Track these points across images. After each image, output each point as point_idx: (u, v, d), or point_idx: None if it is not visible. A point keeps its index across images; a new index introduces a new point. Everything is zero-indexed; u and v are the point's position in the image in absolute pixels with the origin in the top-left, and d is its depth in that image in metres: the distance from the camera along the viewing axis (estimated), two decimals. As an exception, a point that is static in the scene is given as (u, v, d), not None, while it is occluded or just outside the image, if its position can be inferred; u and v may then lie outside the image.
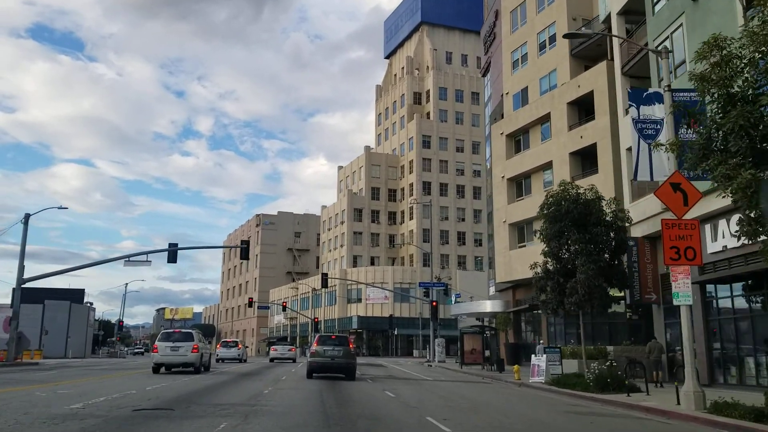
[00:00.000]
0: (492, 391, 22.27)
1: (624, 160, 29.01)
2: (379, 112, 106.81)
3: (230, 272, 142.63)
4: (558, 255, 22.98)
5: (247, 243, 41.48)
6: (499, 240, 43.13)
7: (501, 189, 43.34)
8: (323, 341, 26.31)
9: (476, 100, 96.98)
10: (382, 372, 33.68)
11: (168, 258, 41.15)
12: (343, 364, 25.27)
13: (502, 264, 42.46)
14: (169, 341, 26.38)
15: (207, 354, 29.44)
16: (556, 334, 38.96)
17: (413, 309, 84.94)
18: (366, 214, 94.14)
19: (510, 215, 42.08)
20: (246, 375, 25.89)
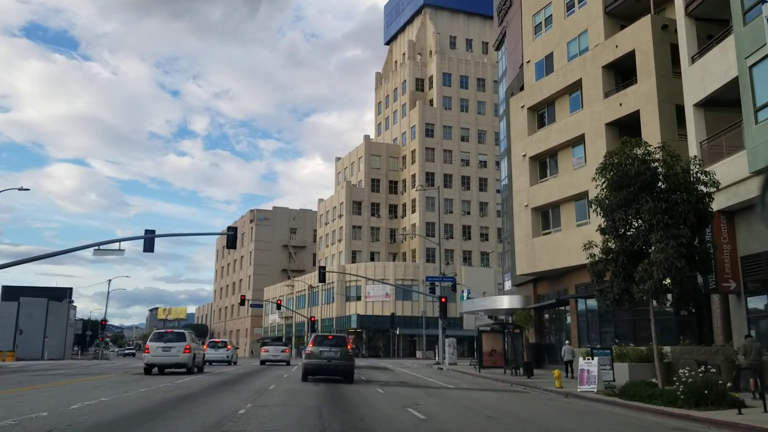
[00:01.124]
0: (540, 404, 17.26)
1: (692, 120, 23.97)
2: (379, 101, 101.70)
3: (223, 270, 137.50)
4: (622, 231, 17.91)
5: (234, 230, 36.37)
6: (520, 227, 38.13)
7: (522, 169, 38.35)
8: (319, 342, 24.30)
9: (482, 86, 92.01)
10: (390, 377, 28.68)
11: (144, 246, 36.03)
12: (340, 366, 23.49)
13: (524, 254, 37.47)
14: (161, 341, 25.83)
15: (200, 354, 28.61)
16: (588, 332, 33.99)
17: (416, 307, 79.95)
18: (365, 206, 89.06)
19: (533, 198, 37.07)
20: (225, 383, 20.83)
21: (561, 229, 35.41)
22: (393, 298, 79.61)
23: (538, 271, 36.58)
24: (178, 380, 21.50)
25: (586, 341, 33.83)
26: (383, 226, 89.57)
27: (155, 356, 25.67)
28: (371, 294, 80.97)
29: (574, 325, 34.83)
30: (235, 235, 36.30)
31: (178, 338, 26.13)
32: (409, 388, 21.41)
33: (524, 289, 42.00)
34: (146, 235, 36.20)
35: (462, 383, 25.75)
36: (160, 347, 25.67)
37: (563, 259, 34.21)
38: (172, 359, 25.72)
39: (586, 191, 33.06)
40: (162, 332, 27.39)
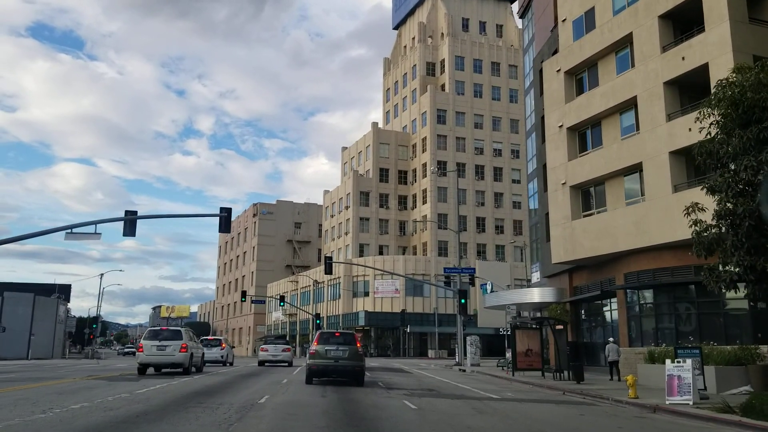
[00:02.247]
0: (638, 426, 12.37)
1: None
2: (387, 87, 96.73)
3: (226, 266, 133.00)
4: (743, 187, 12.97)
5: (228, 211, 31.61)
6: (556, 208, 33.20)
7: (558, 142, 33.41)
8: (325, 339, 21.31)
9: (497, 71, 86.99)
10: (413, 382, 23.86)
11: (124, 230, 31.51)
12: (349, 366, 20.73)
13: (561, 239, 32.53)
14: (156, 340, 24.36)
15: (199, 353, 27.09)
16: (640, 329, 29.08)
17: (427, 303, 75.18)
18: (373, 197, 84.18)
19: (572, 175, 32.15)
20: (204, 394, 15.98)
21: (606, 209, 30.50)
22: (403, 293, 74.85)
23: (577, 258, 31.65)
24: (140, 391, 16.70)
25: (638, 339, 28.95)
26: (392, 218, 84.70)
27: (149, 355, 24.17)
28: (380, 289, 76.18)
29: (622, 320, 29.88)
30: (228, 217, 31.59)
31: (174, 336, 24.56)
32: (445, 400, 16.56)
33: (557, 280, 37.09)
34: (126, 216, 31.62)
35: (504, 391, 20.89)
36: (154, 346, 24.13)
37: (609, 243, 29.32)
38: (167, 359, 24.12)
39: (639, 163, 28.27)
40: (157, 330, 25.79)
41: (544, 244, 38.70)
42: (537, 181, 40.86)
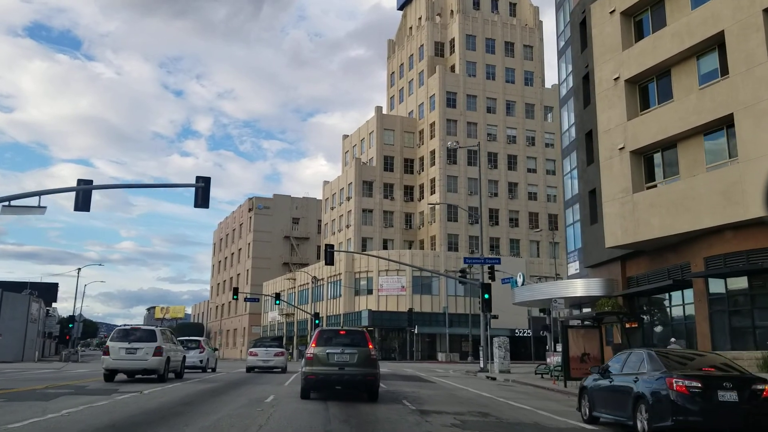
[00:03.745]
0: None
1: None
2: (392, 71, 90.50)
3: (220, 265, 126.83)
4: None
5: (206, 181, 25.49)
6: (611, 180, 26.98)
7: (614, 99, 27.20)
8: (327, 339, 16.04)
9: (510, 51, 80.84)
10: (442, 396, 17.70)
11: (76, 203, 25.70)
12: (359, 375, 15.41)
13: (618, 218, 26.31)
14: (125, 341, 21.18)
15: (178, 357, 23.49)
16: (729, 326, 22.85)
17: (436, 302, 68.99)
18: (377, 187, 77.94)
19: (633, 137, 25.95)
20: (130, 427, 9.71)
21: (679, 176, 24.32)
22: (410, 291, 68.67)
23: (641, 240, 25.44)
24: (51, 416, 10.44)
25: (724, 340, 22.71)
26: (398, 210, 78.45)
27: (117, 360, 20.88)
28: (384, 287, 69.96)
29: (701, 317, 23.64)
30: (206, 188, 25.54)
31: (147, 337, 21.22)
32: None
33: (605, 270, 30.91)
34: (79, 186, 25.50)
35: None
36: (123, 349, 20.88)
37: (688, 219, 23.16)
38: (138, 364, 20.88)
39: (729, 116, 22.07)
40: (127, 329, 22.44)
41: (588, 227, 32.54)
42: (576, 154, 34.68)
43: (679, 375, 10.27)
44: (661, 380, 10.37)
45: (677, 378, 10.17)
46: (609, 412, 12.00)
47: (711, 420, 9.93)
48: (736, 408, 9.92)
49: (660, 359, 11.13)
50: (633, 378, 11.17)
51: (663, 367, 10.76)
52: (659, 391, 10.31)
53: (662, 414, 10.12)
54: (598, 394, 12.53)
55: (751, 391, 10.15)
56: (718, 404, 9.95)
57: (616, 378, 11.89)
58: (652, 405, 10.35)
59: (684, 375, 10.29)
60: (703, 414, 9.89)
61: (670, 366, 10.84)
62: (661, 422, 10.09)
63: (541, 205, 78.42)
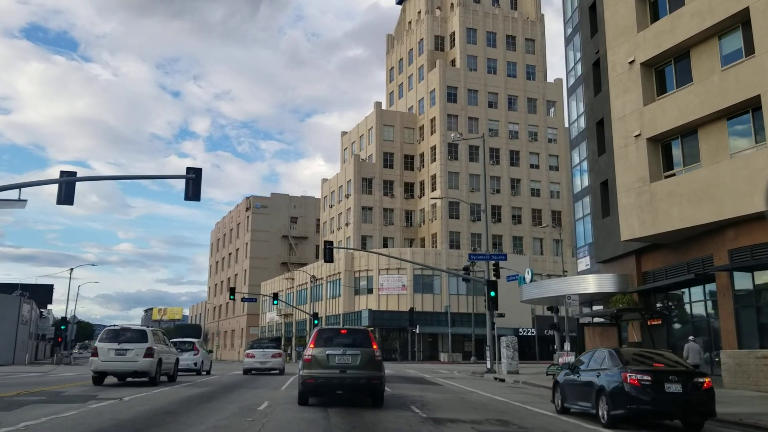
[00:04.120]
0: None
1: None
2: (391, 66, 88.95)
3: (218, 265, 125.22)
4: None
5: (197, 172, 24.00)
6: (627, 169, 25.48)
7: (629, 84, 25.69)
8: (327, 339, 14.52)
9: (512, 45, 79.33)
10: (453, 400, 16.21)
11: (59, 196, 24.30)
12: (362, 379, 13.95)
13: (635, 209, 24.81)
14: (115, 342, 20.34)
15: (171, 359, 22.80)
16: (757, 323, 21.34)
17: (438, 301, 67.52)
18: (377, 184, 76.40)
19: (650, 123, 24.44)
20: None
21: (701, 164, 22.81)
22: (411, 290, 67.15)
23: (660, 232, 23.90)
24: (18, 426, 8.92)
25: (752, 337, 21.21)
26: (398, 207, 76.92)
27: (106, 361, 20.10)
28: (385, 286, 68.45)
29: (726, 313, 22.13)
30: (197, 179, 24.06)
31: (138, 338, 20.43)
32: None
33: (618, 265, 29.39)
34: (62, 178, 24.03)
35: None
36: (112, 350, 20.16)
37: (711, 209, 21.66)
38: (128, 366, 20.09)
39: (755, 97, 20.59)
40: (116, 330, 21.53)
41: (599, 221, 31.06)
42: (586, 145, 33.18)
43: (632, 370, 11.81)
44: (618, 374, 11.90)
45: (631, 372, 11.71)
46: (577, 403, 13.53)
47: (659, 408, 11.57)
48: (680, 398, 11.55)
49: (618, 356, 12.63)
50: (596, 373, 12.68)
51: (620, 363, 12.21)
52: (616, 383, 11.83)
53: (619, 403, 11.71)
54: (568, 388, 14.08)
55: (693, 384, 11.76)
56: (665, 394, 11.54)
57: (582, 374, 13.42)
58: (610, 396, 11.91)
59: (637, 370, 11.81)
60: (653, 403, 11.48)
61: (627, 362, 12.26)
62: (618, 410, 11.71)
63: (545, 202, 76.93)
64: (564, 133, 79.82)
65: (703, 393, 11.86)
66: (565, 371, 14.72)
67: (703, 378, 12.07)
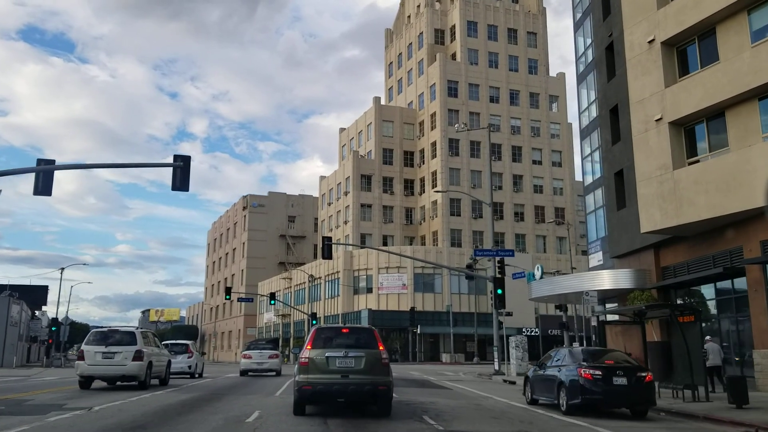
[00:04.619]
0: None
1: None
2: (390, 61, 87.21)
3: (215, 265, 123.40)
4: None
5: (185, 160, 22.24)
6: (647, 156, 23.74)
7: (648, 64, 23.96)
8: (326, 340, 12.70)
9: (514, 38, 77.65)
10: (467, 407, 14.58)
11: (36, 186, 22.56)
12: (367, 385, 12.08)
13: (656, 198, 23.08)
14: (102, 345, 19.23)
15: (162, 362, 21.78)
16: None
17: (439, 301, 65.83)
18: (376, 181, 74.66)
19: (673, 106, 22.71)
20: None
21: (729, 149, 21.09)
22: (411, 289, 65.45)
23: (685, 223, 22.16)
24: None
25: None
26: (397, 205, 75.15)
27: (93, 365, 19.16)
28: (385, 285, 66.71)
29: (758, 309, 20.40)
30: (185, 168, 22.30)
31: (126, 341, 19.51)
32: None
33: (635, 260, 27.68)
34: (39, 166, 22.25)
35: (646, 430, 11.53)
36: (99, 353, 19.24)
37: (742, 197, 19.91)
38: (116, 370, 19.17)
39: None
40: (104, 332, 20.47)
41: (614, 213, 29.34)
42: (599, 134, 31.47)
43: (586, 366, 13.80)
44: (575, 370, 13.92)
45: (585, 368, 13.73)
46: (543, 395, 15.76)
47: (608, 398, 13.70)
48: (626, 389, 13.62)
49: (576, 355, 14.89)
50: (558, 369, 14.81)
51: (577, 361, 14.27)
52: (573, 377, 13.85)
53: (575, 394, 13.70)
54: (536, 383, 16.31)
55: (636, 377, 13.82)
56: (613, 386, 13.59)
57: (548, 370, 15.59)
58: (568, 388, 13.94)
59: (590, 365, 13.85)
60: (603, 394, 13.55)
61: (582, 359, 14.37)
62: (574, 400, 13.69)
63: (548, 199, 75.22)
64: (567, 128, 78.21)
65: (645, 385, 13.97)
66: (534, 368, 16.89)
67: (645, 373, 14.22)
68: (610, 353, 15.90)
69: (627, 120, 27.75)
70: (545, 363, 16.03)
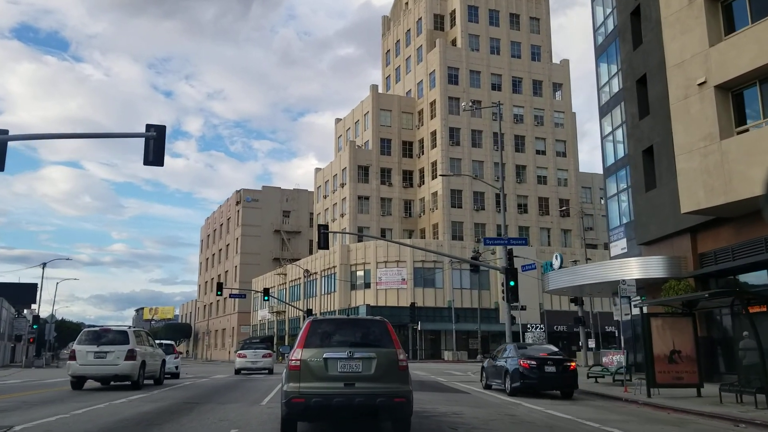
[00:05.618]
0: None
1: None
2: (387, 49, 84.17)
3: (208, 262, 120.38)
4: None
5: (158, 130, 19.34)
6: (687, 126, 20.86)
7: (688, 21, 21.08)
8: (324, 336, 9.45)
9: (516, 24, 74.74)
10: (494, 416, 11.75)
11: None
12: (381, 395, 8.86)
13: (699, 173, 20.22)
14: (94, 344, 19.05)
15: (156, 362, 21.38)
16: None
17: (440, 296, 63.01)
18: (374, 172, 71.69)
19: (720, 67, 19.82)
20: None
21: (787, 115, 18.22)
22: (411, 284, 62.56)
23: (737, 200, 19.30)
24: None
25: None
26: (396, 197, 72.20)
27: (84, 365, 18.90)
28: (383, 280, 63.80)
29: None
30: (160, 140, 19.46)
31: (118, 339, 19.26)
32: None
33: (667, 246, 24.86)
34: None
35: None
36: (91, 353, 18.97)
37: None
38: (108, 369, 18.91)
39: None
40: (96, 331, 20.30)
41: (641, 195, 26.50)
42: (624, 108, 28.62)
43: (524, 357, 18.00)
44: (516, 361, 18.04)
45: (523, 359, 17.92)
46: (495, 382, 19.72)
47: (541, 382, 17.69)
48: (555, 375, 17.67)
49: (518, 349, 19.13)
50: (505, 360, 18.90)
51: (518, 354, 18.42)
52: (515, 367, 17.92)
53: (516, 380, 17.81)
54: (489, 371, 20.47)
55: (563, 366, 17.81)
56: (545, 373, 17.63)
57: (498, 360, 19.61)
58: (511, 375, 18.06)
59: (527, 357, 18.03)
60: (537, 379, 17.61)
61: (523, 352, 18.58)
62: (515, 384, 17.79)
63: (552, 190, 72.41)
64: (571, 117, 75.42)
65: (570, 372, 17.59)
66: (488, 359, 21.30)
67: (570, 362, 17.81)
68: (543, 347, 20.03)
69: (657, 90, 24.92)
70: (497, 356, 20.18)
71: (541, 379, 17.36)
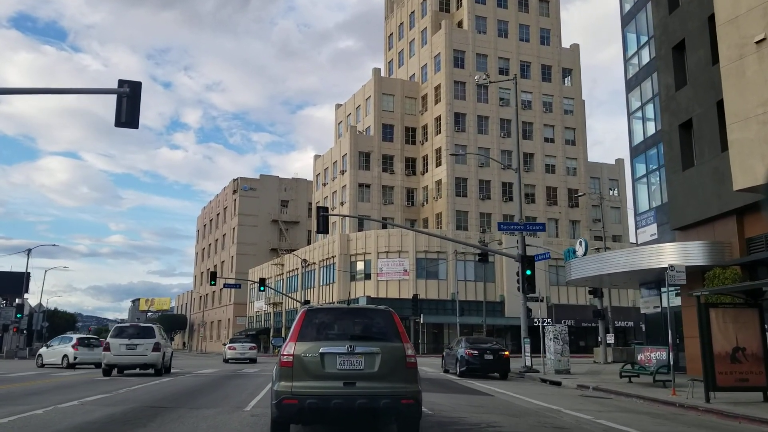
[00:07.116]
0: None
1: None
2: (390, 32, 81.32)
3: (204, 252, 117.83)
4: None
5: (133, 86, 16.71)
6: (742, 90, 18.17)
7: (742, -29, 18.36)
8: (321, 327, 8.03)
9: (524, 6, 71.89)
10: (523, 425, 9.22)
11: None
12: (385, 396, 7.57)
13: (756, 144, 17.56)
14: (124, 338, 22.25)
15: (169, 352, 24.76)
16: None
17: (443, 288, 60.50)
18: (375, 159, 68.98)
19: (781, 21, 17.13)
20: None
21: None
22: (413, 276, 60.00)
23: (801, 174, 16.66)
24: None
25: None
26: (398, 185, 69.51)
27: (118, 355, 21.91)
28: (384, 270, 61.24)
29: None
30: (134, 97, 16.73)
31: (146, 334, 22.50)
32: None
33: (703, 231, 22.24)
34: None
35: None
36: (123, 345, 21.95)
37: None
38: (138, 359, 22.08)
39: None
40: (125, 327, 23.70)
41: (677, 175, 23.86)
42: (656, 79, 25.94)
43: (468, 348, 24.08)
44: (464, 350, 24.09)
45: (468, 349, 23.98)
46: (448, 367, 26.44)
47: (482, 367, 23.49)
48: (492, 361, 23.56)
49: (466, 341, 25.30)
50: (457, 350, 24.89)
51: (466, 345, 24.44)
52: (463, 355, 23.95)
53: (463, 365, 23.74)
54: (447, 359, 27.21)
55: (499, 354, 23.75)
56: (485, 360, 23.55)
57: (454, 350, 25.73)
58: (459, 361, 24.09)
59: (471, 347, 24.09)
60: (479, 364, 23.50)
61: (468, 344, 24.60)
62: (462, 368, 23.70)
63: (560, 179, 69.77)
64: (580, 104, 72.72)
65: (504, 359, 23.71)
66: (446, 350, 28.29)
67: (504, 352, 24.12)
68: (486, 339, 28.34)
69: (698, 55, 22.23)
70: (453, 346, 26.30)
71: (483, 364, 23.32)
